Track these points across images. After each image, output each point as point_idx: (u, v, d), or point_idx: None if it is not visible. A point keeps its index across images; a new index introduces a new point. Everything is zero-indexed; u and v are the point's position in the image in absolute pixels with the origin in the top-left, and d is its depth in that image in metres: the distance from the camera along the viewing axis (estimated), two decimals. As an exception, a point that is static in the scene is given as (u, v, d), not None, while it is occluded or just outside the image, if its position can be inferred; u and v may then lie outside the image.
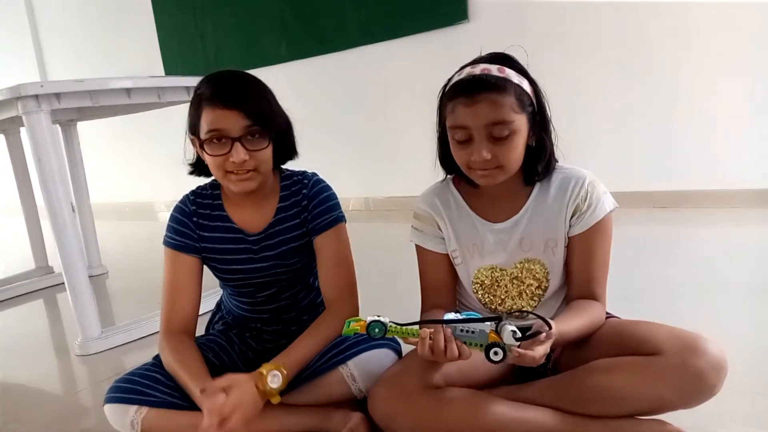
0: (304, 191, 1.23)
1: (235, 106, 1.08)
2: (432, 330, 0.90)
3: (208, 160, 1.13)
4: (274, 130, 1.13)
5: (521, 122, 1.01)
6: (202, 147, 1.12)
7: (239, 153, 1.08)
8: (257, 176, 1.13)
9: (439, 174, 1.17)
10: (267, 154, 1.13)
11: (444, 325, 0.91)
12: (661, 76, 2.83)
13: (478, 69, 1.01)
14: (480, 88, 0.98)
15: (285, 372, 1.04)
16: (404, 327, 0.92)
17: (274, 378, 1.03)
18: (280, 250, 1.23)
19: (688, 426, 0.95)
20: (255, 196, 1.21)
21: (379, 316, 0.92)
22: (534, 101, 1.03)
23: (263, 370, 1.03)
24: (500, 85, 0.99)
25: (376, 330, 0.90)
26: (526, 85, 1.02)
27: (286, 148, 1.21)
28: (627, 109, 2.95)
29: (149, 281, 2.62)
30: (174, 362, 1.12)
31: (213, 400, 0.97)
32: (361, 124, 3.84)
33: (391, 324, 0.91)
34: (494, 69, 1.01)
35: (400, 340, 1.03)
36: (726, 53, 2.67)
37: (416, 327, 0.92)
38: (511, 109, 0.99)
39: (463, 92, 1.00)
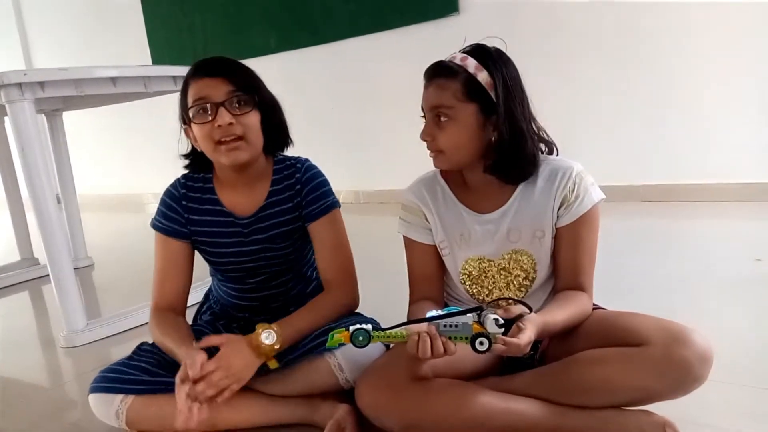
0: (297, 175, 1.23)
1: (218, 74, 1.11)
2: (417, 332, 0.90)
3: (197, 133, 1.13)
4: (260, 101, 1.15)
5: (465, 111, 1.02)
6: (191, 124, 1.13)
7: (224, 116, 1.09)
8: (246, 146, 1.13)
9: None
10: (253, 120, 1.13)
11: (428, 323, 0.91)
12: (650, 71, 2.84)
13: (449, 56, 1.05)
14: (434, 72, 1.04)
15: (279, 333, 1.05)
16: (388, 331, 0.92)
17: (268, 335, 1.04)
18: (270, 234, 1.23)
19: (674, 416, 0.95)
20: (247, 177, 1.21)
21: (361, 325, 0.93)
22: (493, 94, 1.01)
23: (258, 329, 1.05)
24: (450, 71, 1.02)
25: (360, 338, 0.91)
26: (482, 76, 1.01)
27: (275, 127, 1.20)
28: (616, 103, 2.96)
29: (136, 273, 2.60)
30: (161, 334, 1.15)
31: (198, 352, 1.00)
32: (351, 115, 3.82)
33: (374, 331, 0.92)
34: (459, 57, 1.03)
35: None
36: (715, 50, 2.69)
37: (400, 330, 0.92)
38: (453, 95, 1.01)
39: (425, 76, 1.06)
